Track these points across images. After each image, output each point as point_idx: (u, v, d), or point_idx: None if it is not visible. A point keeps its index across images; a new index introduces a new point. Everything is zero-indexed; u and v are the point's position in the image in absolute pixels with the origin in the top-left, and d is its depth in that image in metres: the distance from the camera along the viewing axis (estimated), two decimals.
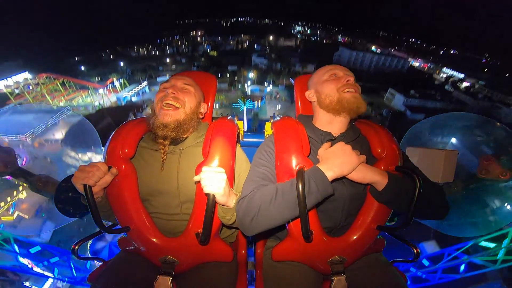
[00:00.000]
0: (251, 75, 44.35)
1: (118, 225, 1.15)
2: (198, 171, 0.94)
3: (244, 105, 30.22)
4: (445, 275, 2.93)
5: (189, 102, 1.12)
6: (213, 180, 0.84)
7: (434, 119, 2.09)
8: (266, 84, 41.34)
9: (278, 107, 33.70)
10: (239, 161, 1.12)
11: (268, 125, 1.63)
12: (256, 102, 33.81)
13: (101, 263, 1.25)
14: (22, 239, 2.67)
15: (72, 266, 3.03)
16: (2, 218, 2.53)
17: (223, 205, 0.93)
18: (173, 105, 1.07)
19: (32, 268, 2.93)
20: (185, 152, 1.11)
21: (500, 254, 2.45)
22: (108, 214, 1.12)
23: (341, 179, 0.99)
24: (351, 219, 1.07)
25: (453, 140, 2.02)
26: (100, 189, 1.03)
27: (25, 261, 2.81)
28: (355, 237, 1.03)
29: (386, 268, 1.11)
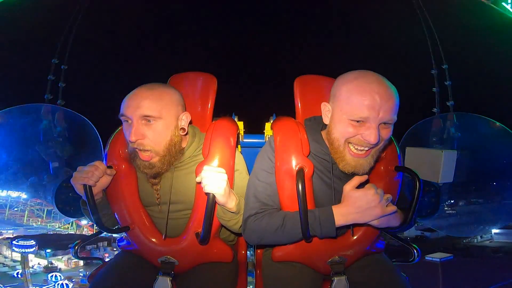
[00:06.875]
0: None
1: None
2: (198, 170, 0.94)
3: None
4: None
5: (158, 139, 0.95)
6: (213, 179, 0.84)
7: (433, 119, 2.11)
8: None
9: None
10: (236, 166, 1.07)
11: (268, 126, 1.63)
12: None
13: (101, 263, 1.25)
14: None
15: None
16: None
17: (222, 206, 0.93)
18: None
19: None
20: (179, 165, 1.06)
21: None
22: (109, 216, 1.11)
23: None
24: None
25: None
26: (99, 190, 1.03)
27: None
28: (355, 237, 1.03)
29: (388, 267, 1.10)
